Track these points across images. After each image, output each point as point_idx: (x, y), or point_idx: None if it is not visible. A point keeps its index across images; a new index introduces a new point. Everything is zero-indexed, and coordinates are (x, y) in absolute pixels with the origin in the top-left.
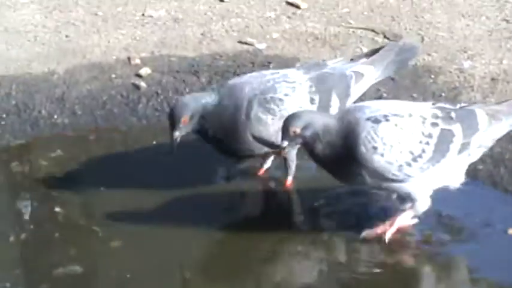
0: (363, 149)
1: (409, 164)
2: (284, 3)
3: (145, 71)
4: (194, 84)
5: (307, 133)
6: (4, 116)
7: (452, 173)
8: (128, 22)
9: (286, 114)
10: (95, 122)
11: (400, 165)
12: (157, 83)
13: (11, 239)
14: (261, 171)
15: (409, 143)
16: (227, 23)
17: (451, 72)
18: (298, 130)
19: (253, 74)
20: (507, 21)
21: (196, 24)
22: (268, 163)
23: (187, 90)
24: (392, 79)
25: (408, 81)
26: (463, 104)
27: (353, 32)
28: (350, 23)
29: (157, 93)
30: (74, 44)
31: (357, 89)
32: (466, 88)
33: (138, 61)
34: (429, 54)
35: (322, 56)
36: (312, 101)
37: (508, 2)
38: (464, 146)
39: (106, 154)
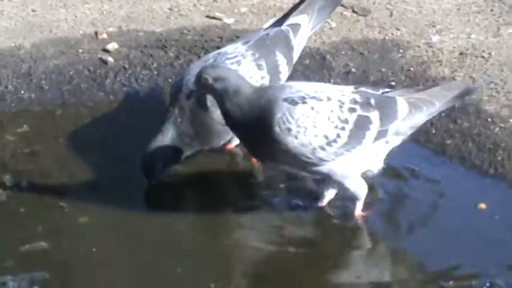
0: (277, 129)
1: (323, 148)
2: None
3: (112, 45)
4: (162, 58)
5: (217, 85)
6: None
7: (370, 159)
8: None
9: None
10: (62, 97)
11: (314, 149)
12: (124, 57)
13: None
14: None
15: (324, 127)
16: None
17: (419, 46)
18: (209, 80)
19: (198, 60)
20: None
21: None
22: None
23: (154, 65)
24: (361, 54)
25: (377, 56)
26: (386, 90)
27: None
28: None
29: (124, 68)
30: (41, 19)
31: (298, 40)
32: (434, 63)
33: (105, 36)
34: (398, 29)
35: None
36: (259, 67)
37: None
38: (381, 133)
39: (73, 129)
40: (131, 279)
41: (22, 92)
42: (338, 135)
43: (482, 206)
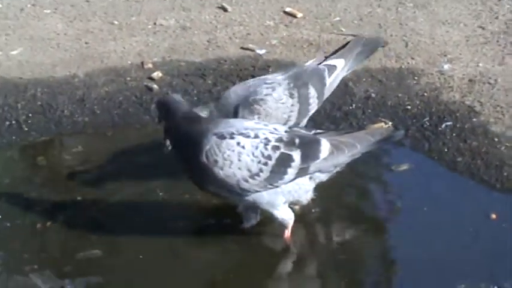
0: (205, 160)
1: (246, 180)
2: (282, 13)
3: (157, 74)
4: (201, 86)
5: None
6: (30, 115)
7: (296, 192)
8: (141, 30)
9: (270, 111)
10: (112, 121)
11: (238, 180)
12: (168, 85)
13: (38, 226)
14: None
15: (248, 161)
16: (230, 31)
17: (432, 74)
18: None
19: (239, 84)
20: (482, 28)
21: (203, 32)
22: None
23: (195, 91)
24: (380, 81)
25: (394, 82)
26: (318, 131)
27: (344, 38)
28: (341, 31)
29: (167, 94)
30: (93, 50)
31: (331, 80)
32: (446, 88)
33: (150, 65)
34: (413, 58)
35: None
36: (291, 95)
37: (483, 11)
38: (302, 170)
39: (122, 149)
40: (177, 284)
41: (77, 116)
42: (261, 170)
43: (493, 216)
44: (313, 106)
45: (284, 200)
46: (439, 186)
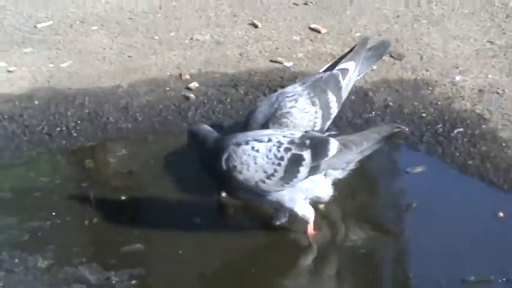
0: (225, 167)
1: (263, 181)
2: (307, 29)
3: (193, 84)
4: (234, 95)
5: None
6: (79, 122)
7: (314, 189)
8: (179, 45)
9: (298, 122)
10: (153, 127)
11: (256, 182)
12: (203, 94)
13: (86, 222)
14: None
15: (263, 164)
16: (261, 45)
17: (445, 85)
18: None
19: (263, 103)
20: (491, 42)
21: (235, 46)
22: None
23: (228, 100)
24: (397, 91)
25: (410, 92)
26: (332, 132)
27: None
28: None
29: (204, 103)
30: (135, 63)
31: (346, 82)
32: (458, 98)
33: (188, 77)
34: (427, 70)
35: None
36: (313, 103)
37: (492, 27)
38: (314, 168)
39: (162, 153)
40: (213, 277)
41: (121, 122)
42: (275, 170)
43: (501, 214)
44: (334, 110)
45: (304, 197)
46: (451, 187)
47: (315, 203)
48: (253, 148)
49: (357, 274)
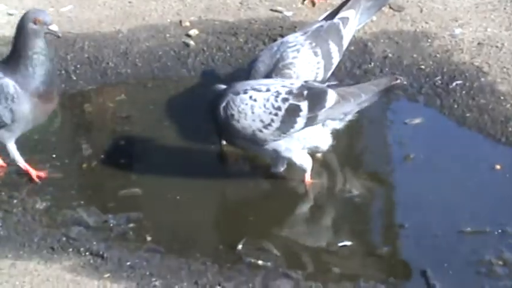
0: (223, 115)
1: (260, 131)
2: None
3: (193, 31)
4: (233, 43)
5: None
6: (78, 66)
7: (313, 139)
8: None
9: (300, 73)
10: (152, 73)
11: (254, 131)
12: (203, 41)
13: (84, 165)
14: None
15: (260, 113)
16: None
17: (444, 37)
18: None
19: (263, 53)
20: None
21: None
22: None
23: (227, 48)
24: (397, 42)
25: (409, 44)
26: (331, 83)
27: None
28: None
29: (203, 50)
30: (136, 9)
31: (347, 31)
32: (457, 51)
33: (187, 24)
34: (427, 23)
35: None
36: (315, 53)
37: None
38: (311, 119)
39: (161, 99)
40: (210, 223)
41: (120, 67)
42: (272, 120)
43: (498, 167)
44: (336, 59)
45: (301, 146)
46: (449, 139)
47: (313, 152)
48: (251, 97)
49: (353, 223)
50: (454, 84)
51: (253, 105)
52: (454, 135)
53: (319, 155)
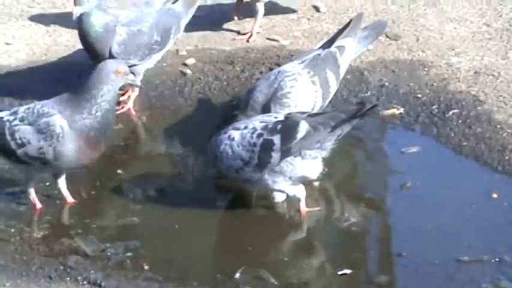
0: (210, 157)
1: (242, 169)
2: (304, 8)
3: (190, 60)
4: (230, 72)
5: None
6: None
7: (298, 170)
8: None
9: (298, 102)
10: (150, 102)
11: (236, 170)
12: (200, 70)
13: (83, 194)
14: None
15: (239, 151)
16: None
17: (441, 66)
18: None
19: (260, 82)
20: (487, 25)
21: (232, 24)
22: None
23: (224, 77)
24: (393, 71)
25: (406, 73)
26: (310, 112)
27: None
28: None
29: (200, 79)
30: None
31: (344, 59)
32: (453, 79)
33: (184, 53)
34: (423, 51)
35: None
36: (313, 82)
37: (488, 9)
38: (286, 151)
39: (158, 128)
40: (208, 251)
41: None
42: (250, 157)
43: (495, 195)
44: (333, 88)
45: (287, 178)
46: (445, 168)
47: (308, 182)
48: (229, 137)
49: (351, 252)
50: (450, 113)
51: (232, 144)
52: (450, 164)
53: (316, 183)
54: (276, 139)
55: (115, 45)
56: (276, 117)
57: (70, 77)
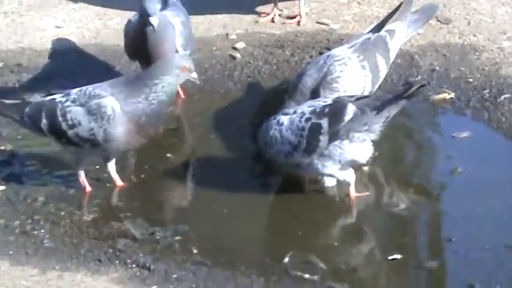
0: (260, 143)
1: (291, 154)
2: None
3: (240, 44)
4: (280, 56)
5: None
6: None
7: (347, 154)
8: (226, 4)
9: (347, 86)
10: (199, 85)
11: (285, 154)
12: (249, 54)
13: (132, 178)
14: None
15: (287, 136)
16: (308, 7)
17: (492, 50)
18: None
19: (310, 66)
20: None
21: (282, 7)
22: None
23: (274, 61)
24: (444, 55)
25: (457, 57)
26: (358, 96)
27: None
28: None
29: (249, 63)
30: None
31: (394, 44)
32: (505, 64)
33: (234, 36)
34: (474, 35)
35: None
36: (363, 67)
37: None
38: (334, 134)
39: (208, 111)
40: (257, 236)
41: None
42: (299, 142)
43: None
44: (383, 73)
45: (337, 162)
46: (496, 152)
47: (358, 166)
48: (278, 122)
49: (400, 237)
50: (502, 97)
51: (281, 129)
52: (502, 149)
53: (365, 168)
54: (324, 122)
55: (178, 37)
56: (324, 101)
57: (120, 61)
